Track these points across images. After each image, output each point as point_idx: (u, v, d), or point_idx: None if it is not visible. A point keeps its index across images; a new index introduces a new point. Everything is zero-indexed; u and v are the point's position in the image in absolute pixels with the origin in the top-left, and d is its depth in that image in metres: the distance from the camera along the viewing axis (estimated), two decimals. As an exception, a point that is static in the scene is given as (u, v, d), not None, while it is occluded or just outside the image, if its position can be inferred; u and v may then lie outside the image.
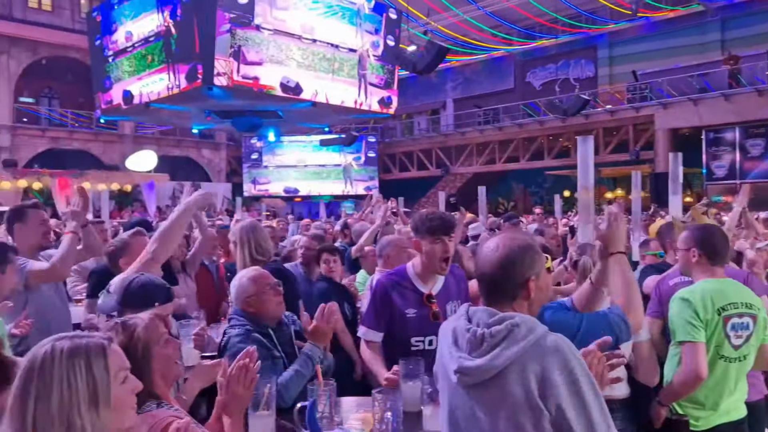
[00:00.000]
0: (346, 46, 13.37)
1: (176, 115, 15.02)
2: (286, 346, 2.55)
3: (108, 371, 1.27)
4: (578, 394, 1.48)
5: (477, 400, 1.60)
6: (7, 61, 22.77)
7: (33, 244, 3.33)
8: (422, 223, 2.71)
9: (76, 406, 1.21)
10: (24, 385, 1.23)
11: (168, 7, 12.02)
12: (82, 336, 1.32)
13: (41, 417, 1.20)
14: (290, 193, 27.17)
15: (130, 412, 1.34)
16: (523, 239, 1.72)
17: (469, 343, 1.59)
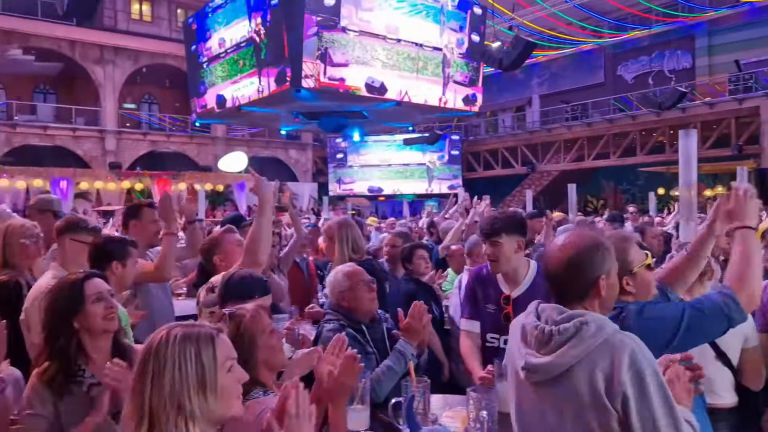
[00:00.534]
0: (430, 44, 13.32)
1: (266, 118, 15.51)
2: (378, 343, 2.58)
3: (216, 359, 1.34)
4: (645, 395, 1.45)
5: (544, 397, 1.59)
6: (112, 70, 24.31)
7: (145, 241, 3.53)
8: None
9: (186, 389, 1.29)
10: (142, 367, 1.33)
11: (258, 13, 12.42)
12: (194, 325, 1.41)
13: (156, 397, 1.28)
14: (374, 192, 27.45)
15: (236, 401, 1.39)
16: (591, 237, 1.68)
17: (537, 340, 1.59)
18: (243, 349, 1.69)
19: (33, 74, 24.80)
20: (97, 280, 2.06)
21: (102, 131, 24.10)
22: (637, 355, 1.48)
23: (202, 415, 1.30)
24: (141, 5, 25.73)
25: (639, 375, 1.46)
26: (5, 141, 21.70)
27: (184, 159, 25.90)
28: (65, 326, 1.94)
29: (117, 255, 2.67)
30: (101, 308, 1.98)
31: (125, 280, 2.72)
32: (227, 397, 1.36)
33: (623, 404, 1.45)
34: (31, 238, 3.04)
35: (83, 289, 1.99)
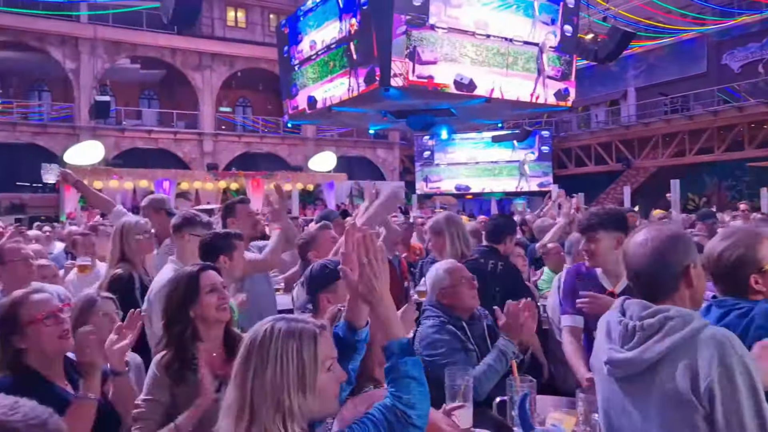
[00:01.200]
0: (521, 39, 13.04)
1: (355, 117, 15.73)
2: (479, 339, 2.56)
3: (316, 358, 1.34)
4: (733, 393, 1.38)
5: (628, 393, 1.56)
6: (210, 75, 25.49)
7: (245, 235, 3.68)
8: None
9: (286, 387, 1.29)
10: (246, 358, 1.34)
11: (348, 14, 12.60)
12: (298, 320, 1.41)
13: (257, 391, 1.29)
14: (461, 191, 27.26)
15: (333, 401, 1.39)
16: (669, 228, 1.66)
17: (621, 335, 1.57)
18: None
19: (139, 81, 26.42)
20: (211, 272, 2.14)
21: (200, 134, 25.32)
22: (726, 349, 1.41)
23: (300, 413, 1.30)
24: (236, 12, 26.80)
25: (728, 371, 1.39)
26: (114, 145, 23.22)
27: (276, 159, 26.75)
28: (182, 315, 2.04)
29: (224, 249, 2.79)
30: (214, 299, 2.06)
31: (234, 272, 2.83)
32: (325, 397, 1.35)
33: (710, 401, 1.40)
34: (144, 234, 3.23)
35: (198, 281, 2.07)
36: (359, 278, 1.46)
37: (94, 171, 19.76)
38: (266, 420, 1.28)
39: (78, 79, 22.79)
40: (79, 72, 22.79)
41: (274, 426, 1.28)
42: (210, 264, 2.24)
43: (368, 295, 1.45)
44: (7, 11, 20.70)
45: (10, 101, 23.42)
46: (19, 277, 3.00)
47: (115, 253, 3.24)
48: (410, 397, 1.37)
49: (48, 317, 1.92)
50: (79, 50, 22.69)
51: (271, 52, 19.25)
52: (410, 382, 1.37)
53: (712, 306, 1.88)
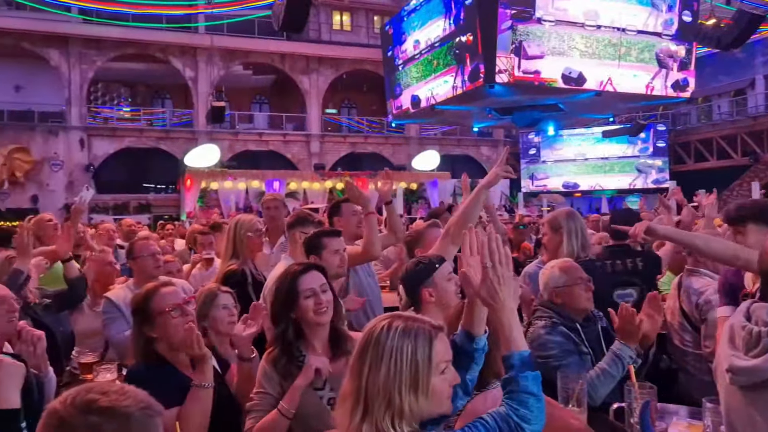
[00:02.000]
0: (634, 28, 12.43)
1: (458, 115, 15.64)
2: (593, 343, 2.46)
3: (431, 360, 1.32)
4: None
5: (752, 402, 1.45)
6: (317, 78, 26.28)
7: (350, 233, 3.74)
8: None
9: (398, 385, 1.28)
10: (362, 352, 1.35)
11: (452, 12, 12.56)
12: (416, 320, 1.39)
13: (371, 385, 1.30)
14: (570, 188, 26.34)
15: (445, 403, 1.36)
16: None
17: (745, 341, 1.46)
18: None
19: (251, 87, 27.71)
20: (311, 274, 2.13)
21: (308, 135, 26.16)
22: None
23: (411, 413, 1.29)
24: (342, 16, 27.44)
25: None
26: (229, 147, 24.51)
27: (380, 159, 27.11)
28: (284, 316, 2.08)
29: (311, 250, 2.87)
30: (311, 303, 2.06)
31: (329, 270, 2.88)
32: (437, 399, 1.33)
33: None
34: (255, 231, 3.38)
35: (297, 285, 2.09)
36: (481, 282, 1.42)
37: (210, 173, 20.95)
38: (377, 415, 1.28)
39: (196, 86, 24.27)
40: (197, 80, 24.27)
41: (384, 423, 1.28)
42: (314, 264, 2.27)
43: (490, 300, 1.41)
44: (135, 26, 22.43)
45: (137, 109, 25.40)
46: (148, 272, 3.23)
47: (228, 249, 3.41)
48: (527, 412, 1.33)
49: (174, 309, 2.05)
50: (197, 59, 24.17)
51: (376, 53, 19.54)
52: (528, 398, 1.34)
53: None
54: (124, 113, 25.27)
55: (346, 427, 1.31)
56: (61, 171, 22.38)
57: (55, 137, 22.60)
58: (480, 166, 28.85)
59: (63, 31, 22.22)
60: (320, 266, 2.26)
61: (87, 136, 22.95)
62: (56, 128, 22.65)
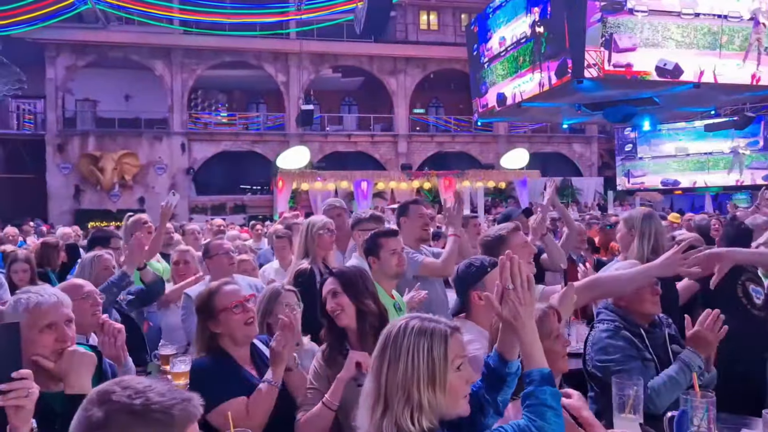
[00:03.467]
0: (737, 14, 11.65)
1: (546, 112, 15.24)
2: (658, 349, 2.36)
3: (446, 357, 1.40)
4: None
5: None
6: (404, 79, 26.45)
7: (414, 235, 3.77)
8: None
9: (416, 380, 1.36)
10: (381, 351, 1.43)
11: (538, 6, 12.29)
12: (432, 319, 1.48)
13: (390, 381, 1.38)
14: (669, 186, 25.02)
15: (462, 401, 1.43)
16: None
17: None
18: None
19: (340, 89, 28.32)
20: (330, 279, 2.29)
21: (395, 136, 26.38)
22: None
23: (429, 408, 1.35)
24: (429, 15, 27.46)
25: None
26: (319, 149, 25.17)
27: (468, 158, 26.91)
28: (324, 316, 2.23)
29: (370, 251, 2.99)
30: (332, 304, 2.21)
31: (387, 270, 2.96)
32: (454, 395, 1.40)
33: None
34: (327, 231, 3.48)
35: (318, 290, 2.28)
36: (503, 303, 1.49)
37: (301, 174, 21.59)
38: (397, 411, 1.35)
39: (288, 90, 25.11)
40: (289, 84, 25.09)
41: (404, 418, 1.34)
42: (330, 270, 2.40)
43: (512, 320, 1.47)
44: (231, 35, 23.53)
45: (233, 114, 26.61)
46: (223, 269, 3.42)
47: (300, 248, 3.54)
48: (544, 423, 1.38)
49: (237, 306, 2.18)
50: (288, 64, 24.99)
51: (462, 51, 19.39)
52: (547, 411, 1.39)
53: None
54: (221, 118, 26.59)
55: (367, 424, 1.38)
56: (165, 174, 23.85)
57: (159, 142, 24.11)
58: (572, 164, 28.01)
59: (166, 43, 23.68)
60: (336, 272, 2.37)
61: (188, 140, 24.31)
62: (160, 134, 24.17)
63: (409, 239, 3.79)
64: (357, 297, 2.22)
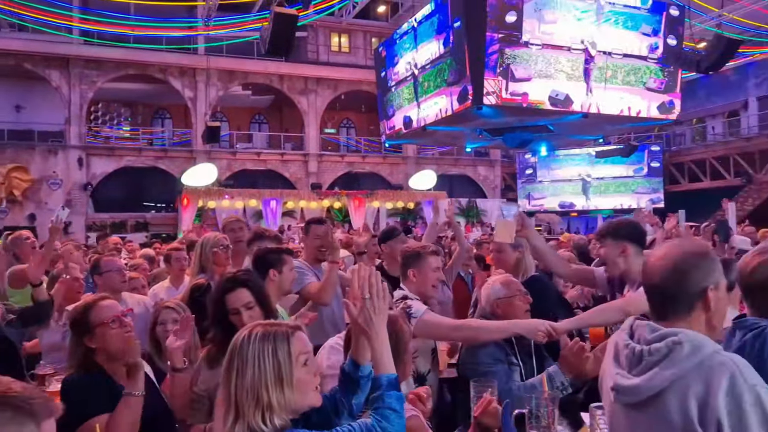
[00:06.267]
0: (620, 51, 12.65)
1: (451, 136, 15.80)
2: (524, 356, 2.59)
3: (290, 355, 1.48)
4: (742, 425, 1.28)
5: (635, 420, 1.48)
6: (315, 99, 26.59)
7: (312, 254, 3.89)
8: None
9: (264, 383, 1.44)
10: (229, 362, 1.50)
11: (442, 35, 12.79)
12: (272, 324, 1.56)
13: (239, 390, 1.45)
14: (566, 208, 26.49)
15: (312, 393, 1.52)
16: (697, 245, 1.54)
17: (628, 360, 1.50)
18: (397, 347, 1.85)
19: (250, 107, 28.05)
20: (237, 292, 2.32)
21: (306, 155, 26.40)
22: (737, 379, 1.32)
23: (279, 406, 1.44)
24: (340, 38, 27.83)
25: (737, 402, 1.31)
26: (227, 166, 24.76)
27: (378, 178, 27.32)
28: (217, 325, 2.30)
29: (274, 263, 3.00)
30: (237, 321, 2.25)
31: (284, 285, 3.02)
32: (303, 389, 1.49)
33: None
34: (221, 247, 3.53)
35: (226, 302, 2.31)
36: (359, 311, 1.59)
37: (208, 192, 21.12)
38: (248, 415, 1.43)
39: (195, 106, 24.59)
40: (196, 100, 24.59)
41: (255, 421, 1.42)
42: (244, 281, 2.41)
43: (366, 327, 1.58)
44: (135, 47, 22.81)
45: (137, 128, 25.70)
46: (114, 287, 3.37)
47: (196, 265, 3.56)
48: (388, 425, 1.48)
49: (114, 321, 2.19)
50: (196, 80, 24.51)
51: (373, 74, 19.80)
52: (391, 413, 1.49)
53: (736, 330, 1.79)
54: (123, 132, 25.58)
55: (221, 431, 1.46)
56: (60, 189, 22.61)
57: (54, 156, 22.87)
58: (477, 186, 29.05)
59: (64, 52, 22.60)
60: (250, 283, 2.39)
61: (86, 155, 23.21)
62: (55, 147, 22.93)
63: (308, 257, 3.91)
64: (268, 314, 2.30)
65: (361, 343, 1.63)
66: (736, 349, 1.69)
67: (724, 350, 1.60)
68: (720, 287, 1.50)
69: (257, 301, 2.32)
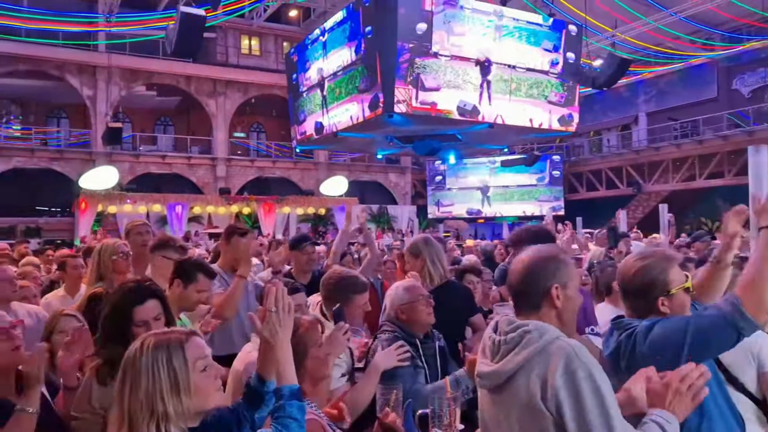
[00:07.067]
0: (523, 66, 13.23)
1: (362, 142, 15.90)
2: (430, 359, 2.65)
3: (186, 362, 1.47)
4: (578, 399, 1.46)
5: (496, 404, 1.66)
6: (224, 101, 25.99)
7: (231, 264, 3.78)
8: None
9: (159, 393, 1.42)
10: (122, 375, 1.47)
11: (353, 43, 12.87)
12: (166, 332, 1.55)
13: (133, 402, 1.42)
14: (473, 215, 27.32)
15: (214, 395, 1.53)
16: (549, 250, 1.74)
17: (490, 349, 1.68)
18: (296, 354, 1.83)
19: (155, 108, 27.01)
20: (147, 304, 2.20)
21: (214, 159, 25.73)
22: (572, 359, 1.50)
23: (176, 415, 1.43)
24: (250, 40, 27.39)
25: (572, 379, 1.48)
26: (129, 170, 23.69)
27: (289, 184, 27.05)
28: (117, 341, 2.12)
29: (183, 275, 2.92)
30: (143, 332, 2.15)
31: (183, 302, 2.91)
32: (203, 394, 1.49)
33: (557, 408, 1.48)
34: (120, 255, 3.38)
35: (132, 314, 2.17)
36: (264, 324, 1.62)
37: (108, 196, 20.11)
38: (141, 426, 1.40)
39: (95, 106, 23.38)
40: (96, 99, 23.39)
41: (148, 430, 1.40)
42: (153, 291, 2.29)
43: (270, 339, 1.60)
44: (28, 41, 21.40)
45: (29, 128, 24.08)
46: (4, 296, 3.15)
47: (93, 273, 3.39)
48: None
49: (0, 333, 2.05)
50: (96, 78, 23.31)
51: (284, 78, 19.61)
52: (291, 422, 1.53)
53: (613, 330, 1.95)
54: (13, 131, 23.89)
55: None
56: (-61, 191, 20.82)
57: (-66, 156, 21.05)
58: (388, 192, 29.39)
59: (-56, 44, 20.88)
60: (159, 293, 2.29)
61: (-30, 155, 21.53)
62: (-65, 146, 21.11)
63: (225, 265, 3.83)
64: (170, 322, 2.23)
65: (267, 358, 1.64)
66: (613, 348, 1.86)
67: (603, 349, 1.79)
68: (568, 287, 1.69)
69: (164, 311, 2.24)
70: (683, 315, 1.90)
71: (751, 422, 2.27)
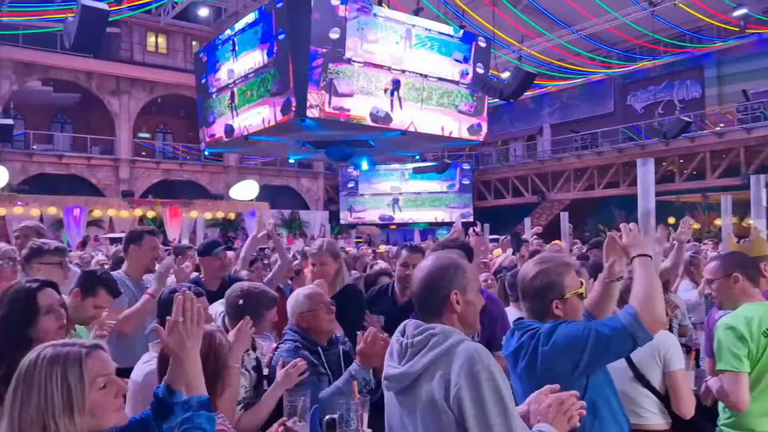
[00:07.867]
0: (435, 75, 13.51)
1: (274, 147, 15.69)
2: (333, 365, 2.63)
3: (83, 379, 1.36)
4: (478, 398, 1.52)
5: (402, 405, 1.70)
6: (128, 100, 24.87)
7: (142, 266, 3.65)
8: None
9: (50, 411, 1.32)
10: (14, 388, 1.36)
11: (266, 45, 12.68)
12: (66, 344, 1.43)
13: (24, 418, 1.32)
14: (385, 221, 27.58)
15: (112, 415, 1.43)
16: (448, 258, 1.81)
17: (398, 353, 1.72)
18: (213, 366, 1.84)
19: (51, 105, 25.43)
20: (48, 290, 2.05)
21: (116, 160, 24.55)
22: (473, 359, 1.56)
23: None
24: (157, 38, 26.39)
25: (473, 378, 1.53)
26: (21, 170, 22.16)
27: (197, 187, 26.24)
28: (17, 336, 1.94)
29: (83, 286, 2.79)
30: (51, 320, 2.00)
31: (78, 313, 2.76)
32: (101, 414, 1.39)
33: (459, 406, 1.53)
34: (7, 260, 3.14)
35: (37, 300, 2.00)
36: (170, 335, 1.56)
37: (-4, 196, 18.76)
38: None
39: (-17, 100, 21.75)
40: (-16, 93, 21.77)
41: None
42: (48, 281, 2.15)
43: (177, 349, 1.56)
44: None
45: None
46: None
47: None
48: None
49: None
50: (-16, 71, 21.70)
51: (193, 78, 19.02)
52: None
53: (515, 330, 2.04)
54: None
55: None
56: None
57: None
58: (300, 198, 29.13)
59: None
60: (55, 285, 2.15)
61: None
62: None
63: (135, 269, 3.68)
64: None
65: (176, 368, 1.56)
66: (516, 347, 1.94)
67: (504, 348, 1.85)
68: (467, 292, 1.75)
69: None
70: (577, 319, 2.00)
71: (655, 414, 2.53)
